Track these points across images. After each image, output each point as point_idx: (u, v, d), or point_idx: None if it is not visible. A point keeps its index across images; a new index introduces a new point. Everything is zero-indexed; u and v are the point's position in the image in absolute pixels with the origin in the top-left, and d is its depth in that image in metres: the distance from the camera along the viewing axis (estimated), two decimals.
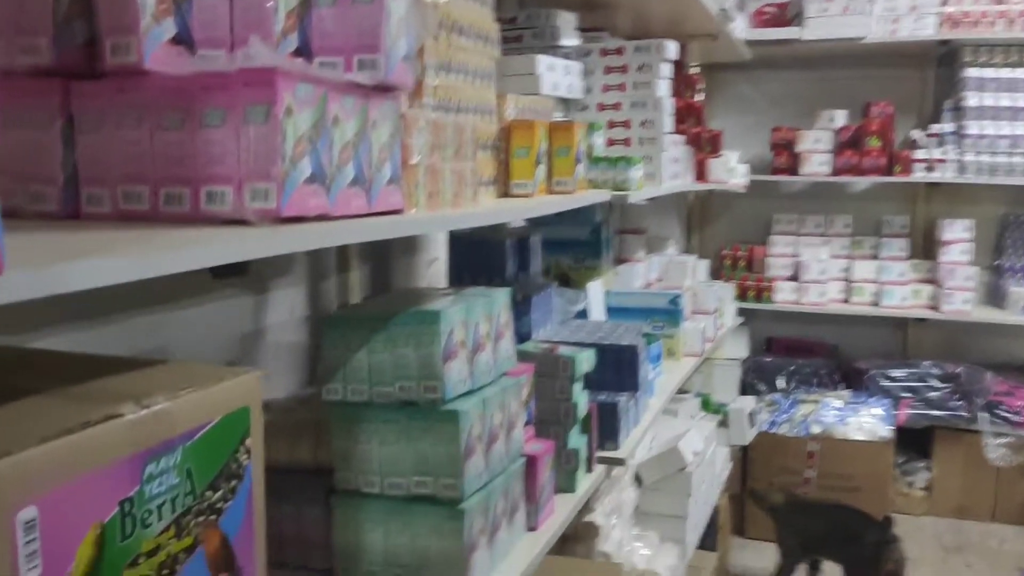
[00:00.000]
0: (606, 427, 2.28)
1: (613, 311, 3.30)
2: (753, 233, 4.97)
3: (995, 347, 4.66)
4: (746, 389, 4.58)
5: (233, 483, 0.98)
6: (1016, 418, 4.09)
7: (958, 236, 4.42)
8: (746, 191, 4.50)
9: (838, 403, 4.08)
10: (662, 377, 3.04)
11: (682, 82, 3.95)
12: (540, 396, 1.99)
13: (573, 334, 2.49)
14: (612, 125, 2.67)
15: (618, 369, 2.40)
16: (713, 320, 3.70)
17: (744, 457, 4.05)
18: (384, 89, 1.20)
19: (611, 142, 2.69)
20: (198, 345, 1.75)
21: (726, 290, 4.27)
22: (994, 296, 4.60)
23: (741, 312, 4.64)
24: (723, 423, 3.84)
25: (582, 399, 2.02)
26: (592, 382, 2.36)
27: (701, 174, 3.85)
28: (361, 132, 1.16)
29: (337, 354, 1.54)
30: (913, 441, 4.37)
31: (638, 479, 2.86)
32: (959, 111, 4.37)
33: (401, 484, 1.52)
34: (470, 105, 1.71)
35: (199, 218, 1.02)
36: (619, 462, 2.28)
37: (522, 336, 2.39)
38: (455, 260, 2.43)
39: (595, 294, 3.06)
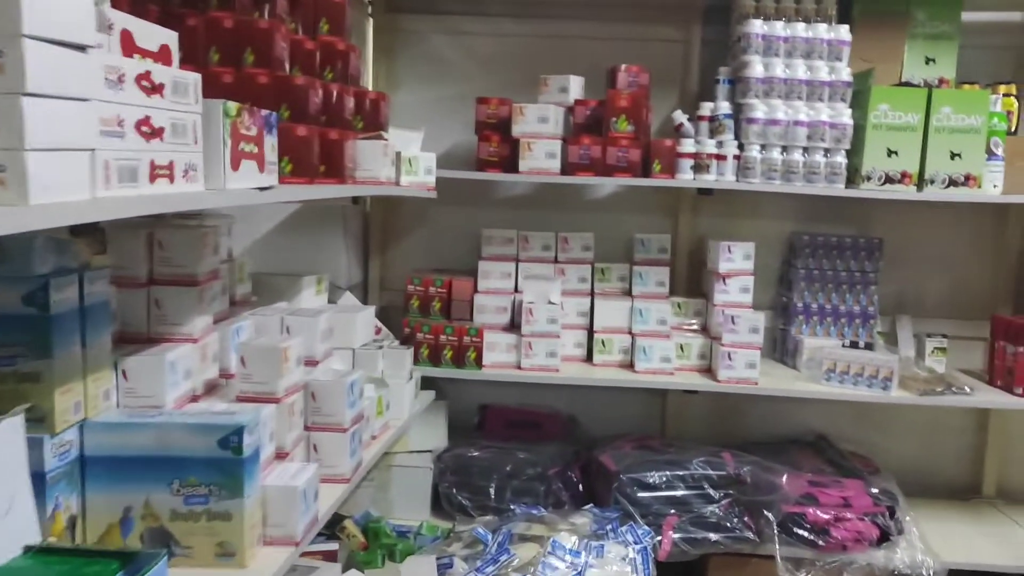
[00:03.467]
0: None
1: (95, 465, 1.52)
2: (459, 257, 3.36)
3: (783, 417, 3.35)
4: (440, 504, 2.96)
5: None
6: (822, 539, 2.76)
7: (739, 267, 3.04)
8: (437, 195, 2.86)
9: (572, 541, 2.54)
10: None
11: (314, 7, 2.29)
12: None
13: None
14: None
15: None
16: (350, 439, 2.01)
17: None
18: None
19: None
20: None
21: (397, 360, 2.61)
22: (780, 348, 3.28)
23: (433, 383, 3.03)
24: None
25: None
26: None
27: (335, 167, 2.16)
28: None
29: None
30: (682, 570, 2.94)
31: None
32: (739, 84, 2.98)
33: None
34: None
35: None
36: None
37: None
38: None
39: None
